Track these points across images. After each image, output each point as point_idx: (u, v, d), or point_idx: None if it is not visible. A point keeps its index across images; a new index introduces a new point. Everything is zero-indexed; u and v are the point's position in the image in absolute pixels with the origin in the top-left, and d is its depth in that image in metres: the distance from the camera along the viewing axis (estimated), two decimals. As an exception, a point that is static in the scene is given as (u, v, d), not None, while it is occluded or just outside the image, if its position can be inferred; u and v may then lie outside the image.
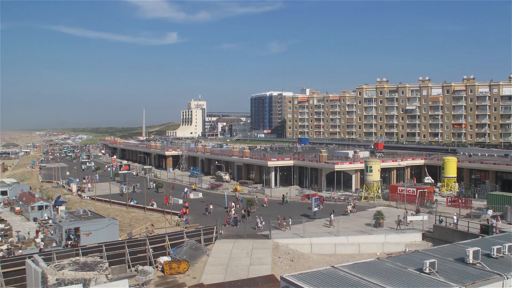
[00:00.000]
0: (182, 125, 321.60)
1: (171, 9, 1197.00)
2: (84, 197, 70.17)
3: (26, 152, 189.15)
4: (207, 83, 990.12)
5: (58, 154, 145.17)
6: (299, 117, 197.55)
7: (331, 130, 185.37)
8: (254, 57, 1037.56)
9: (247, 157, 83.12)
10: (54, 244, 42.04)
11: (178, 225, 47.12)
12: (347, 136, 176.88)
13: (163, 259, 36.26)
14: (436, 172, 71.29)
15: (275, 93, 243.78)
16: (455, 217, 41.63)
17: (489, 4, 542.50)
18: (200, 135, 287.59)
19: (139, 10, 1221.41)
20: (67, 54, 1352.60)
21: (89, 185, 78.71)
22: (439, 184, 67.36)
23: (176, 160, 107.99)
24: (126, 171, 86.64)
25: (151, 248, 36.84)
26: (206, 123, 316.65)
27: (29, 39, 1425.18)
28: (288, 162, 76.38)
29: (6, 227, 50.67)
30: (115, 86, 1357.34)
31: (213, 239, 39.94)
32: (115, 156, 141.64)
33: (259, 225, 43.41)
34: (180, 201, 59.64)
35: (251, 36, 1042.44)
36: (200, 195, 66.76)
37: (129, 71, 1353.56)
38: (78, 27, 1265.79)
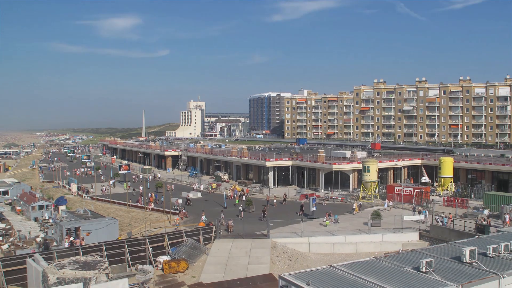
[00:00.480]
0: (182, 125, 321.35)
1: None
2: (84, 196, 70.41)
3: (27, 152, 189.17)
4: (206, 84, 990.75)
5: (56, 159, 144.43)
6: (297, 117, 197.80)
7: (328, 130, 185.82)
8: (245, 63, 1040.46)
9: (245, 157, 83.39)
10: (54, 244, 42.25)
11: (177, 225, 47.30)
12: (344, 137, 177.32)
13: (163, 258, 36.56)
14: (433, 172, 71.71)
15: (273, 94, 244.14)
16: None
17: (486, 5, 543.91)
18: (199, 135, 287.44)
19: (106, 31, 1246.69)
20: (66, 61, 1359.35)
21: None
22: (435, 184, 67.76)
23: (175, 160, 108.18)
24: (126, 171, 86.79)
25: (150, 247, 37.14)
26: (205, 124, 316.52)
27: (27, 48, 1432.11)
28: (287, 162, 76.68)
29: (7, 227, 50.95)
30: (115, 87, 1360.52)
31: (212, 238, 40.23)
32: (115, 157, 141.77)
33: None
34: (180, 201, 59.88)
35: (237, 46, 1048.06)
36: (199, 195, 67.09)
37: (129, 73, 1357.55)
38: (74, 44, 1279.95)
